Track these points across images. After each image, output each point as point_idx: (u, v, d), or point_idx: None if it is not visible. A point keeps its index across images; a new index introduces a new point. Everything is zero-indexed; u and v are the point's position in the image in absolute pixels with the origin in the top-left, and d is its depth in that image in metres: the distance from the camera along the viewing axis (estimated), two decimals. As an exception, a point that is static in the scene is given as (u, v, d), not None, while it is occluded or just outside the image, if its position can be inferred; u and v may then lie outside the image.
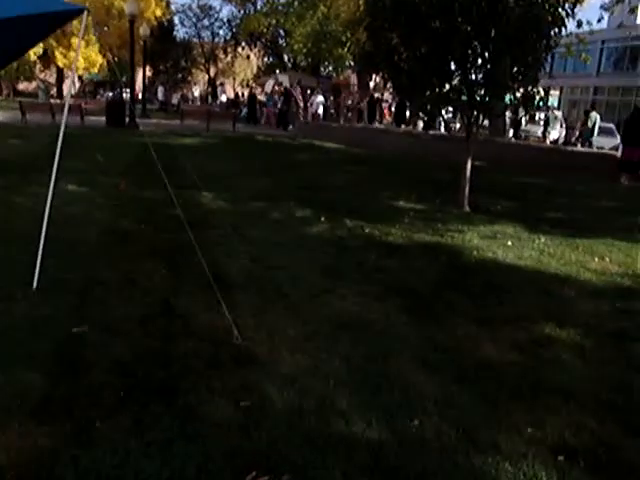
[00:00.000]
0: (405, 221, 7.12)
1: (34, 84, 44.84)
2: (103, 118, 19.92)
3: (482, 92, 7.38)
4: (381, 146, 16.73)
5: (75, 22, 36.41)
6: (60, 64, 39.93)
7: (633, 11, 21.63)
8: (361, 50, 8.17)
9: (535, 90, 7.51)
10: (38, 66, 46.71)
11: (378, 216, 7.24)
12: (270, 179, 9.76)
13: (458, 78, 7.50)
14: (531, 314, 4.26)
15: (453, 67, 7.56)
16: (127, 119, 19.24)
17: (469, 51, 7.38)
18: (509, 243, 6.41)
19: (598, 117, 18.47)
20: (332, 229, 6.40)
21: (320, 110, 23.84)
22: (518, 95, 7.52)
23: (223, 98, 28.08)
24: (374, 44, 7.80)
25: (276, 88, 27.49)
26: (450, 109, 8.26)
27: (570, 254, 6.12)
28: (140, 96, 29.08)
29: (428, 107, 7.87)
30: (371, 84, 31.34)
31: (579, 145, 18.50)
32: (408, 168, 12.69)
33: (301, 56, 42.49)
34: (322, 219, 6.81)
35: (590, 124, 18.16)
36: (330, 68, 44.37)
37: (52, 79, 49.08)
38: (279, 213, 7.14)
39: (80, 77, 53.06)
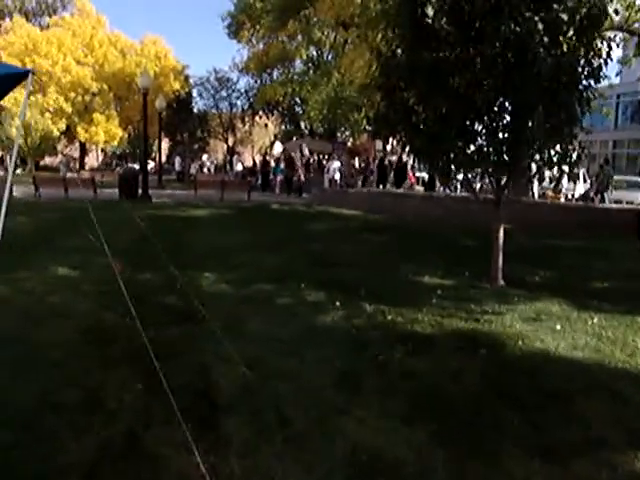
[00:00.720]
0: (433, 302, 6.17)
1: (59, 158, 45.70)
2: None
3: (512, 152, 6.55)
4: (401, 211, 15.96)
5: (98, 99, 37.11)
6: (82, 139, 40.83)
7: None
8: (376, 112, 7.42)
9: (572, 147, 6.68)
10: (63, 141, 47.94)
11: (401, 297, 6.32)
12: (281, 254, 8.94)
13: (484, 138, 6.71)
14: (609, 437, 3.24)
15: (478, 126, 6.79)
16: (140, 191, 18.87)
17: (495, 108, 6.63)
18: (558, 327, 5.41)
19: (611, 170, 18.17)
20: (348, 317, 5.47)
21: (337, 176, 23.35)
22: (553, 153, 6.67)
23: (239, 167, 27.94)
24: (389, 105, 7.11)
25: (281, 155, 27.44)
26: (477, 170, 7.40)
27: (634, 338, 5.11)
28: (158, 167, 29.15)
29: (452, 170, 7.06)
30: (388, 147, 31.11)
31: (596, 200, 17.79)
32: (430, 235, 11.82)
33: (317, 123, 42.93)
34: (337, 303, 5.89)
35: (603, 177, 17.56)
36: (347, 133, 44.69)
37: (77, 153, 50.35)
38: (288, 297, 6.25)
39: (103, 150, 54.31)
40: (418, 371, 4.12)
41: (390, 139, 27.42)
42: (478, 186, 17.83)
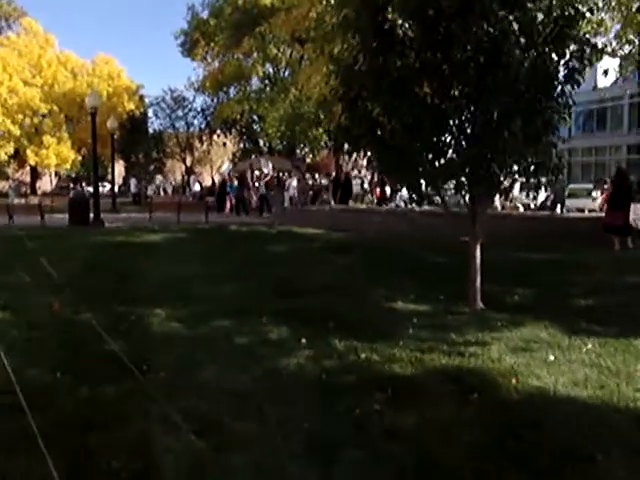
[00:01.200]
0: (409, 333, 5.54)
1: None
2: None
3: (487, 164, 6.02)
4: (365, 228, 15.43)
5: (48, 121, 35.69)
6: (32, 162, 39.07)
7: (606, 73, 21.25)
8: (336, 126, 6.82)
9: (549, 157, 6.20)
10: (13, 165, 46.01)
11: (374, 328, 5.67)
12: (241, 282, 8.20)
13: (456, 149, 6.18)
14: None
15: (448, 137, 6.25)
16: (92, 215, 17.84)
17: (468, 116, 6.10)
18: (551, 357, 4.84)
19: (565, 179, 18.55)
20: (316, 358, 4.77)
21: (296, 194, 22.78)
22: (530, 162, 6.18)
23: (196, 187, 26.95)
24: (351, 117, 6.51)
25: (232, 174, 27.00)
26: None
27: (636, 367, 4.57)
28: (111, 190, 27.97)
29: (422, 185, 6.48)
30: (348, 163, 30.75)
31: (557, 209, 17.91)
32: (397, 252, 11.26)
33: (276, 140, 42.34)
34: (303, 341, 5.19)
35: (558, 187, 17.60)
36: (306, 149, 44.29)
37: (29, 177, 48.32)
38: (247, 335, 5.51)
39: (57, 173, 52.47)
40: (403, 429, 3.45)
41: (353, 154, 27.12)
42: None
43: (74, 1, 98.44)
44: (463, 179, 6.22)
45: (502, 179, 6.35)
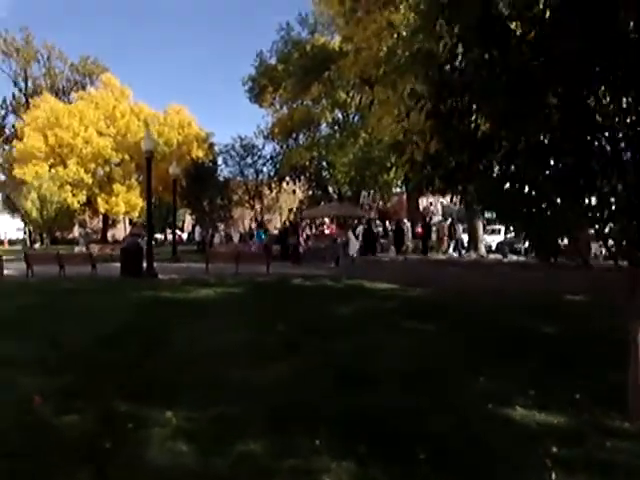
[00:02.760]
0: (548, 466, 3.35)
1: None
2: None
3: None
4: (446, 283, 13.19)
5: (119, 169, 35.99)
6: (102, 210, 39.42)
7: None
8: (422, 158, 4.76)
9: None
10: (87, 213, 46.79)
11: (488, 462, 3.53)
12: (291, 362, 6.23)
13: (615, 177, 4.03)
14: None
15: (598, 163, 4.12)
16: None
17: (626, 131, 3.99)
18: None
19: None
20: None
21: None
22: None
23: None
24: (446, 139, 4.54)
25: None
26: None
27: None
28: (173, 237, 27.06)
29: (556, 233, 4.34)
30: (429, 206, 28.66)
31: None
32: (494, 319, 8.95)
33: (345, 185, 40.88)
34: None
35: None
36: (376, 196, 42.54)
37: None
38: (289, 476, 3.49)
39: (131, 220, 52.84)
40: None
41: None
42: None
43: (151, 54, 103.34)
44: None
45: None
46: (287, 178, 45.47)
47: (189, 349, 6.98)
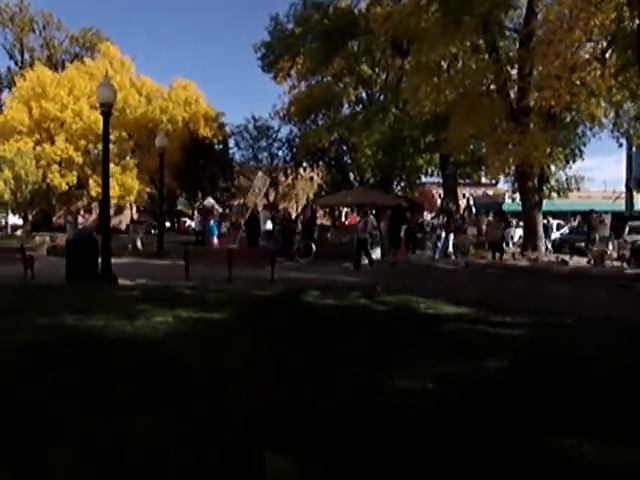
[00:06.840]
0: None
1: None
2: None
3: None
4: (547, 305, 8.37)
5: (113, 147, 31.68)
6: (94, 193, 34.57)
7: None
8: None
9: None
10: (86, 197, 42.34)
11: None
12: None
13: None
14: None
15: None
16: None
17: None
18: None
19: None
20: None
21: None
22: None
23: (268, 225, 20.65)
24: None
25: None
26: None
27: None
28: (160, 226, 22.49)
29: None
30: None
31: None
32: None
33: (369, 172, 36.04)
34: None
35: None
36: (402, 184, 37.37)
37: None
38: None
39: (138, 207, 47.97)
40: None
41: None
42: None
43: (160, 28, 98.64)
44: None
45: None
46: (304, 164, 40.83)
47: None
